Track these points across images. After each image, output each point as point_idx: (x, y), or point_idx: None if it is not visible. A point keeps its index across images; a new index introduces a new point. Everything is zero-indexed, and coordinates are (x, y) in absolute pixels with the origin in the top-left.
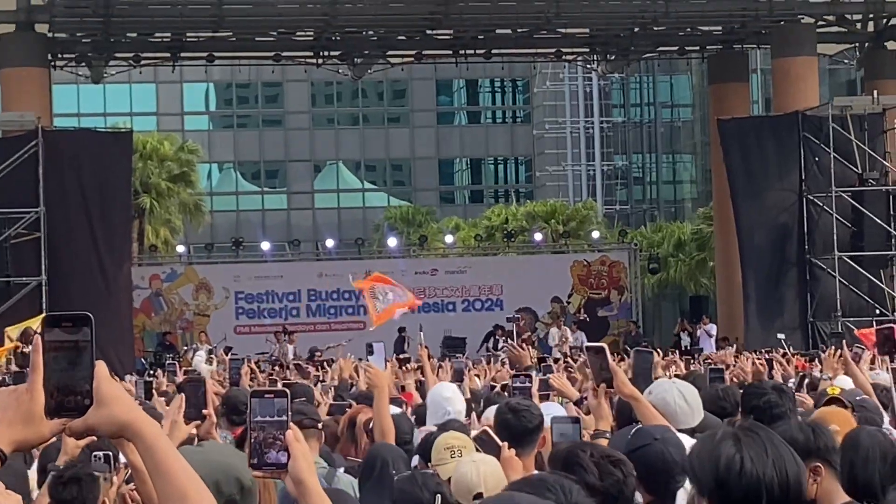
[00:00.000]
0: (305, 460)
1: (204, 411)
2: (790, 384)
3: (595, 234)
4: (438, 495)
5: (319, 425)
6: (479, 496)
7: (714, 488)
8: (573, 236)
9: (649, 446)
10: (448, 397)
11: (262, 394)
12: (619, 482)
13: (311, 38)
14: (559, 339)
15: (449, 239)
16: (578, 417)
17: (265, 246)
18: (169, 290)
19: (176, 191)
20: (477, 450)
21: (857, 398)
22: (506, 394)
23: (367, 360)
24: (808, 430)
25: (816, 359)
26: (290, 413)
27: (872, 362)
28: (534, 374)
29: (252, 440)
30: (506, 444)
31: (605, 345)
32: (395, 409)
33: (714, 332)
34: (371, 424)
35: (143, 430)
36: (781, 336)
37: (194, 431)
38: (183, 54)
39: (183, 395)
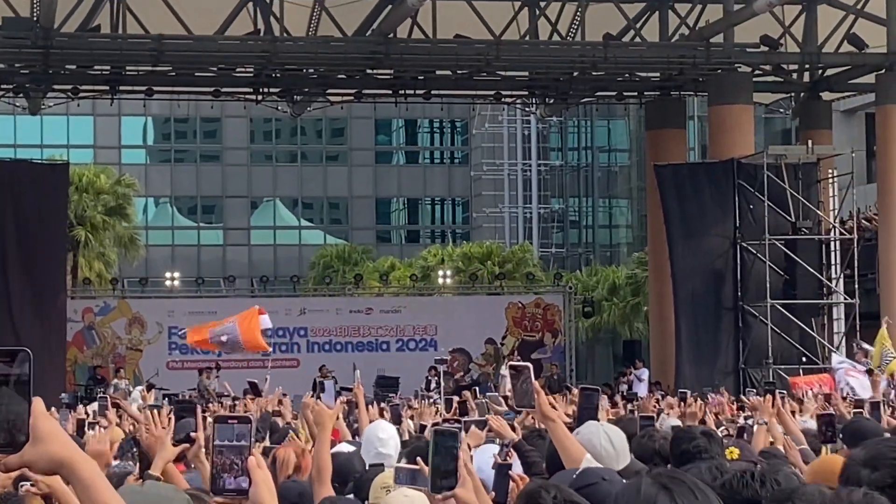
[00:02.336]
0: (266, 486)
1: (193, 434)
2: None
3: (531, 277)
4: None
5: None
6: None
7: None
8: (509, 278)
9: (596, 485)
10: (382, 438)
11: (225, 419)
12: None
13: (250, 75)
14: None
15: (384, 278)
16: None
17: (200, 281)
18: (102, 324)
19: (111, 224)
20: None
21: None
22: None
23: (319, 398)
24: (716, 472)
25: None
26: (252, 439)
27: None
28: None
29: (213, 465)
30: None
31: (529, 364)
32: (350, 448)
33: (645, 377)
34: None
35: (80, 468)
36: (707, 389)
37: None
38: (122, 87)
39: (175, 416)
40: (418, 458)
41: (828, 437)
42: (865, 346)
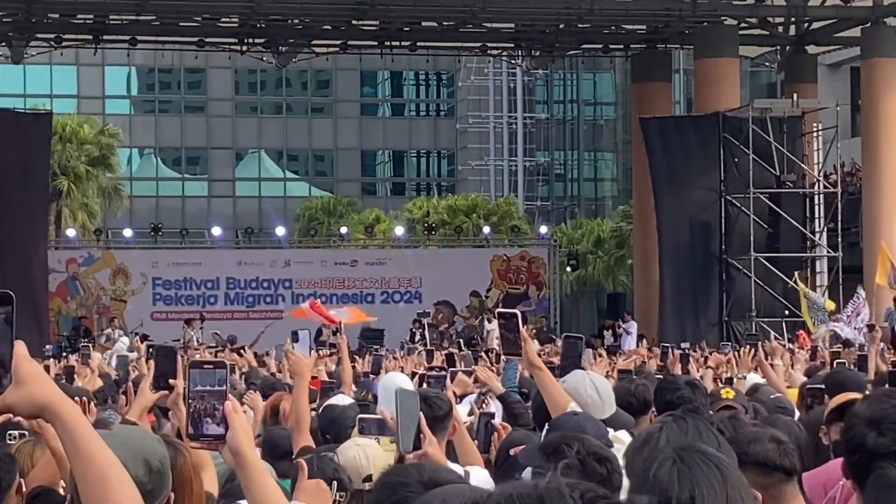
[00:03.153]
0: (244, 432)
1: (172, 381)
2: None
3: (516, 230)
4: (335, 482)
5: None
6: (369, 478)
7: (629, 463)
8: (494, 231)
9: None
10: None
11: (202, 364)
12: (603, 480)
13: (235, 25)
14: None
15: (370, 231)
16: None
17: (184, 232)
18: (85, 275)
19: (95, 174)
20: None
21: (771, 397)
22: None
23: (293, 347)
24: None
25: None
26: (228, 384)
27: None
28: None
29: (190, 411)
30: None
31: (517, 311)
32: (348, 400)
33: (634, 330)
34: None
35: (62, 410)
36: (685, 345)
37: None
38: (105, 37)
39: (153, 363)
40: (382, 408)
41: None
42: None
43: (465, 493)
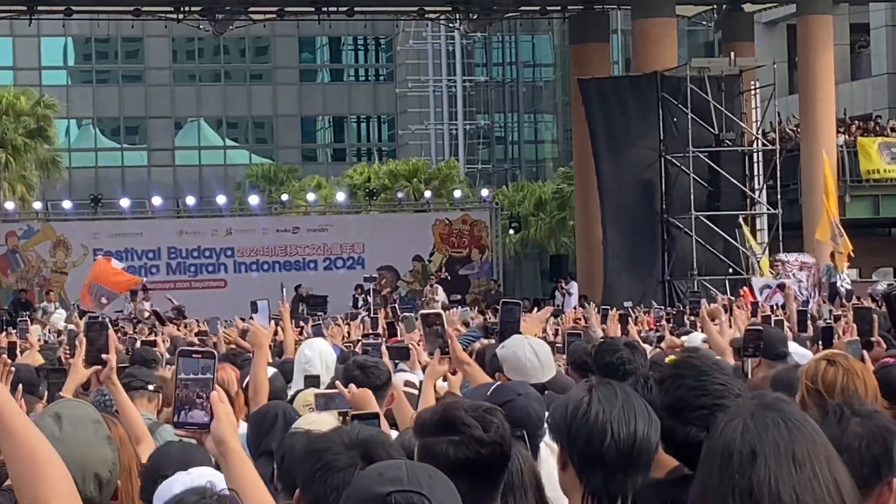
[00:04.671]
0: (228, 421)
1: (105, 356)
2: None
3: (457, 193)
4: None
5: (150, 387)
6: None
7: (564, 431)
8: (435, 195)
9: (514, 401)
10: (307, 355)
11: (189, 353)
12: (501, 428)
13: None
14: (429, 295)
15: (311, 197)
16: None
17: (124, 203)
18: (25, 247)
19: (33, 146)
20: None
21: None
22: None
23: (251, 318)
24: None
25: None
26: (215, 373)
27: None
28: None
29: (175, 399)
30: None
31: (440, 311)
32: (271, 370)
33: (575, 291)
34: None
35: None
36: (628, 304)
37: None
38: (40, 8)
39: (85, 338)
40: (336, 382)
41: (749, 353)
42: (782, 257)
43: (402, 467)
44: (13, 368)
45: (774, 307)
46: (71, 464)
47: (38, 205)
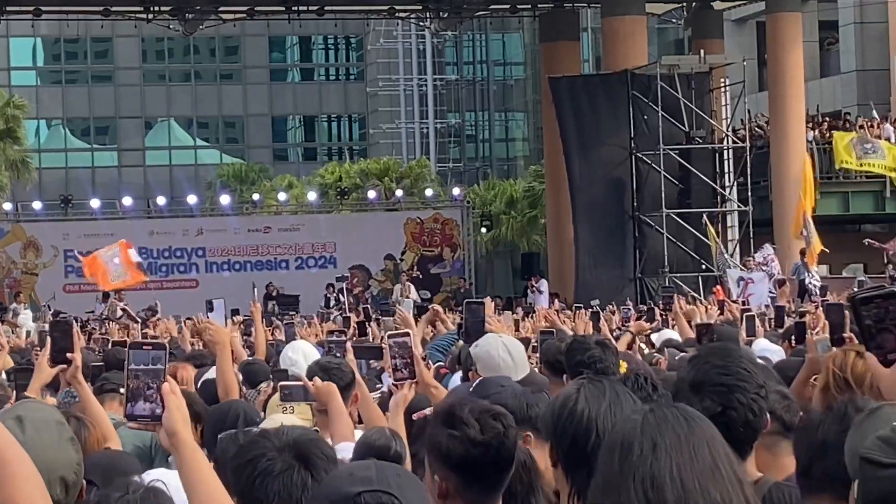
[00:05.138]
0: (180, 412)
1: (70, 355)
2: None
3: (429, 192)
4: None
5: (122, 390)
6: None
7: (552, 429)
8: (407, 194)
9: (497, 394)
10: (291, 357)
11: (141, 345)
12: (501, 434)
13: None
14: (396, 296)
15: (282, 196)
16: None
17: (95, 203)
18: None
19: (2, 147)
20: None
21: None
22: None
23: (208, 317)
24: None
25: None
26: (166, 365)
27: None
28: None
29: (128, 390)
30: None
31: (409, 331)
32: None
33: (545, 289)
34: (199, 381)
35: None
36: (595, 302)
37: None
38: (8, 8)
39: (50, 338)
40: (301, 375)
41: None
42: (765, 248)
43: (371, 468)
44: None
45: (747, 302)
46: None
47: (7, 206)
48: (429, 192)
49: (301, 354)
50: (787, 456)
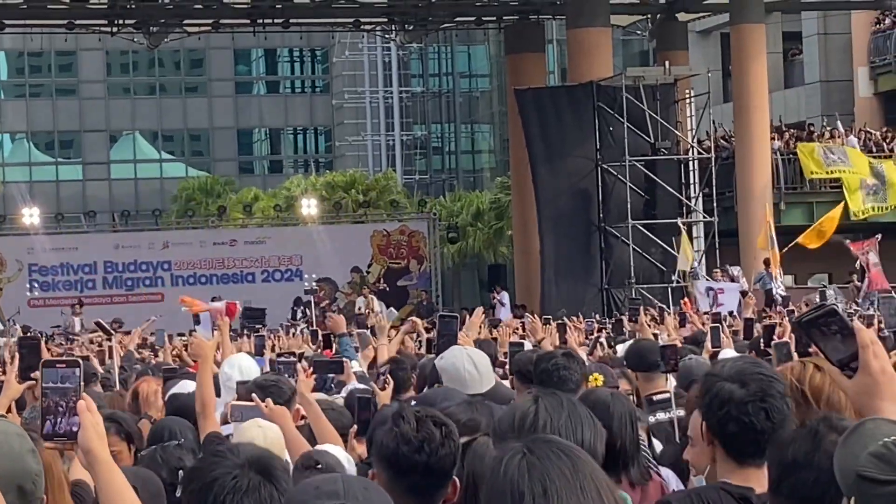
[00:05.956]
0: (96, 430)
1: (34, 374)
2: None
3: (395, 204)
4: (180, 471)
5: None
6: None
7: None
8: (373, 206)
9: (445, 406)
10: (228, 374)
11: (53, 363)
12: (436, 440)
13: (105, 6)
14: (365, 308)
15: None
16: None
17: (60, 217)
18: None
19: None
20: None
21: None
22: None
23: (195, 330)
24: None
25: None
26: (80, 382)
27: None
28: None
29: (43, 409)
30: (269, 401)
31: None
32: (192, 386)
33: (507, 301)
34: (167, 395)
35: None
36: (561, 312)
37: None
38: None
39: (18, 353)
40: (254, 395)
41: (670, 367)
42: (731, 269)
43: (338, 481)
44: None
45: (716, 312)
46: None
47: None
48: (395, 205)
49: (236, 369)
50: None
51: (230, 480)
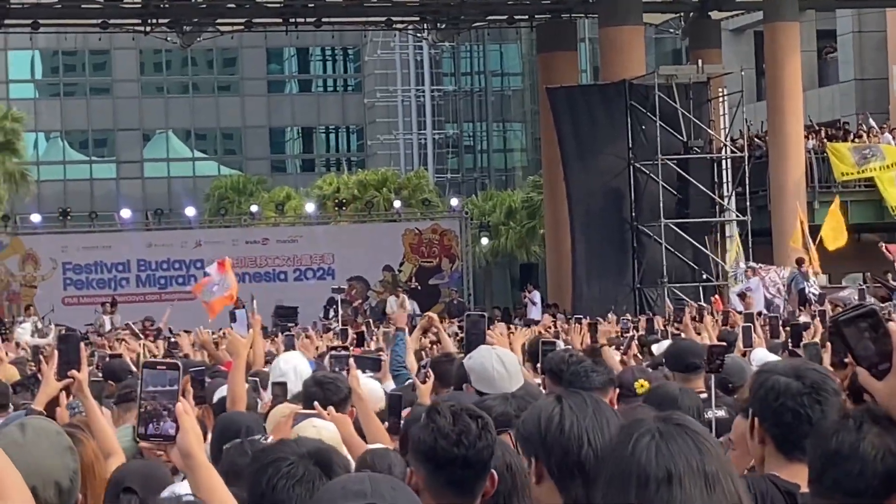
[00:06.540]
0: (194, 433)
1: (72, 372)
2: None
3: (427, 203)
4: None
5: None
6: None
7: (539, 444)
8: (405, 205)
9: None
10: (283, 370)
11: (154, 365)
12: (473, 433)
13: (138, 6)
14: (397, 307)
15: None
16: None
17: (93, 216)
18: None
19: (1, 160)
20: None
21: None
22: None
23: (231, 327)
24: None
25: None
26: (181, 385)
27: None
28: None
29: (141, 411)
30: (331, 409)
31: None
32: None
33: (538, 300)
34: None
35: None
36: (610, 309)
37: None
38: (7, 21)
39: (57, 351)
40: (315, 404)
41: (714, 367)
42: (752, 264)
43: (365, 481)
44: None
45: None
46: (31, 470)
47: (6, 218)
48: (427, 203)
49: (291, 367)
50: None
51: (285, 466)
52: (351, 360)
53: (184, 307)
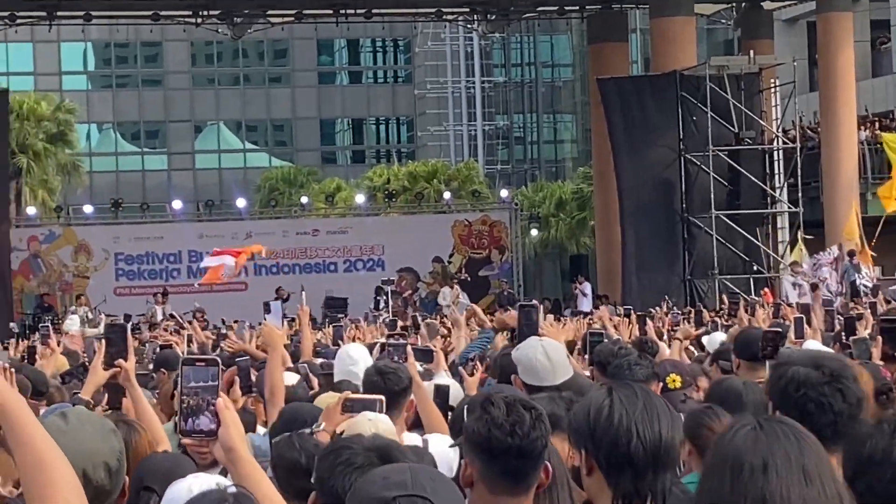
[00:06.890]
0: (236, 428)
1: (120, 361)
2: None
3: (477, 194)
4: (316, 458)
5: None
6: None
7: (588, 436)
8: (455, 196)
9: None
10: (353, 357)
11: (194, 361)
12: (527, 424)
13: None
14: (451, 299)
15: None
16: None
17: (145, 207)
18: (47, 252)
19: (54, 151)
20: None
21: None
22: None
23: (265, 319)
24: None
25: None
26: (221, 380)
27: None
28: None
29: (182, 406)
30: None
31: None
32: (293, 379)
33: (589, 291)
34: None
35: (5, 402)
36: (626, 308)
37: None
38: (59, 13)
39: (105, 340)
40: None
41: (767, 353)
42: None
43: (406, 472)
44: (13, 371)
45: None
46: (79, 454)
47: (59, 209)
48: (477, 195)
49: (361, 362)
50: None
51: (346, 452)
52: (408, 349)
53: (232, 298)
